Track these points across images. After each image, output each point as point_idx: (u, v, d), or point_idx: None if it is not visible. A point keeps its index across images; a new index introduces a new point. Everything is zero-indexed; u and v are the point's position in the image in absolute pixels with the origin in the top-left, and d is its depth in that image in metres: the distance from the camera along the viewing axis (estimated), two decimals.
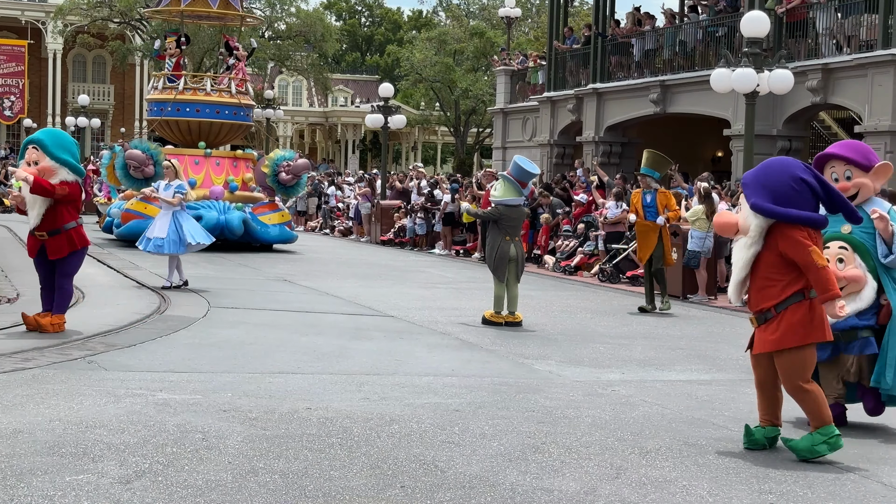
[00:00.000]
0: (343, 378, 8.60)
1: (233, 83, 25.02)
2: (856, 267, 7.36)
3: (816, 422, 6.50)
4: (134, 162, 21.67)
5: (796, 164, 6.57)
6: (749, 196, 6.53)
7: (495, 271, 12.58)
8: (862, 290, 7.34)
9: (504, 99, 34.37)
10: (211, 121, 24.69)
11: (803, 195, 6.44)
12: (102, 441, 6.14)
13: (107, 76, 63.61)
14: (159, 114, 24.94)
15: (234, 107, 24.99)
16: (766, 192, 6.45)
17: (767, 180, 6.49)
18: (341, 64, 76.28)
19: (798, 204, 6.42)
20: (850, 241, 7.40)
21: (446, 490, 5.53)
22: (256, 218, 22.72)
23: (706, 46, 24.53)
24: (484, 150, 60.21)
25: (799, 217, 6.41)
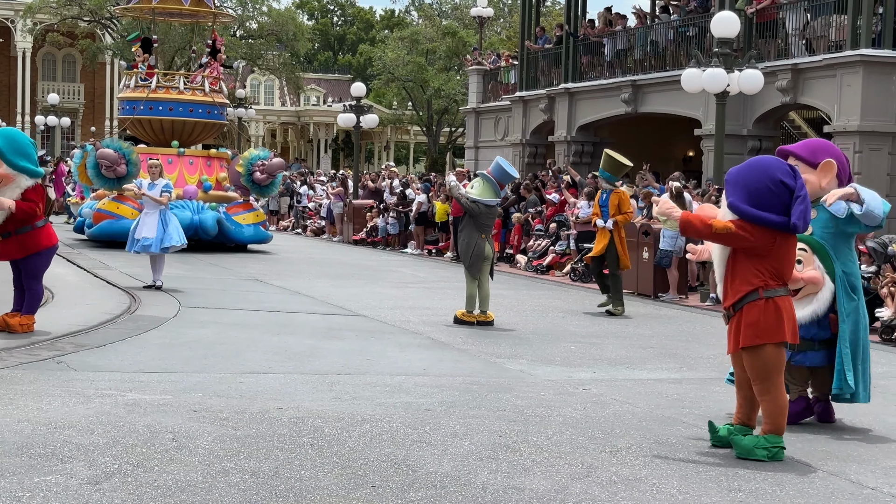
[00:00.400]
0: (314, 378, 8.58)
1: (206, 81, 24.64)
2: (814, 269, 7.42)
3: (770, 427, 6.51)
4: (106, 161, 21.33)
5: (779, 166, 6.58)
6: (729, 194, 6.57)
7: (470, 268, 12.59)
8: (819, 292, 7.42)
9: (476, 98, 34.39)
10: (184, 119, 24.34)
11: (779, 197, 6.44)
12: (71, 442, 6.10)
13: (77, 75, 63.23)
14: (131, 112, 24.59)
15: (208, 105, 24.60)
16: (745, 191, 6.48)
17: (747, 180, 6.52)
18: (313, 63, 76.12)
19: (771, 205, 6.42)
20: (810, 243, 7.45)
21: (417, 489, 5.53)
22: (231, 218, 22.52)
23: (677, 46, 24.63)
24: (456, 150, 60.23)
25: (767, 221, 6.41)
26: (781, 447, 6.48)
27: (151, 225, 14.07)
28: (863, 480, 6.13)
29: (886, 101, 19.65)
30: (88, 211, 22.82)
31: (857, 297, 7.54)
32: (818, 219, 7.49)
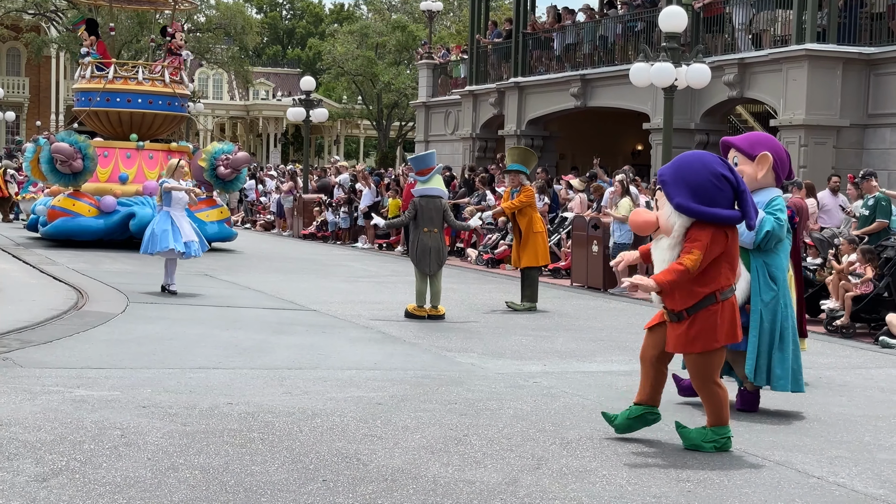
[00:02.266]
0: (265, 373, 8.55)
1: (166, 71, 23.49)
2: None
3: (714, 420, 6.53)
4: (61, 156, 20.36)
5: (713, 159, 6.49)
6: (672, 195, 6.38)
7: (418, 264, 12.62)
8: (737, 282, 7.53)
9: (426, 93, 34.38)
10: (143, 111, 23.13)
11: (724, 192, 6.36)
12: (17, 439, 6.03)
13: (21, 68, 62.36)
14: (87, 104, 23.28)
15: (169, 97, 23.41)
16: (689, 190, 6.32)
17: (688, 177, 6.35)
18: (262, 57, 75.70)
19: (719, 202, 6.34)
20: None
21: (368, 483, 5.53)
22: (193, 215, 21.35)
23: (626, 41, 24.79)
24: (407, 144, 60.18)
25: (721, 217, 6.33)
26: (729, 437, 6.53)
27: (188, 227, 13.52)
28: (809, 470, 6.21)
29: (831, 95, 19.91)
30: (42, 208, 21.91)
31: (778, 288, 7.60)
32: None
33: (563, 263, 18.96)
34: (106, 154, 22.17)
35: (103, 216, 20.85)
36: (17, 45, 59.75)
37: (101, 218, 20.83)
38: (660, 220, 6.46)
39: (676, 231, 6.37)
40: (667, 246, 6.44)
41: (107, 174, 21.97)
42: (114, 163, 22.27)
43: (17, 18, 52.55)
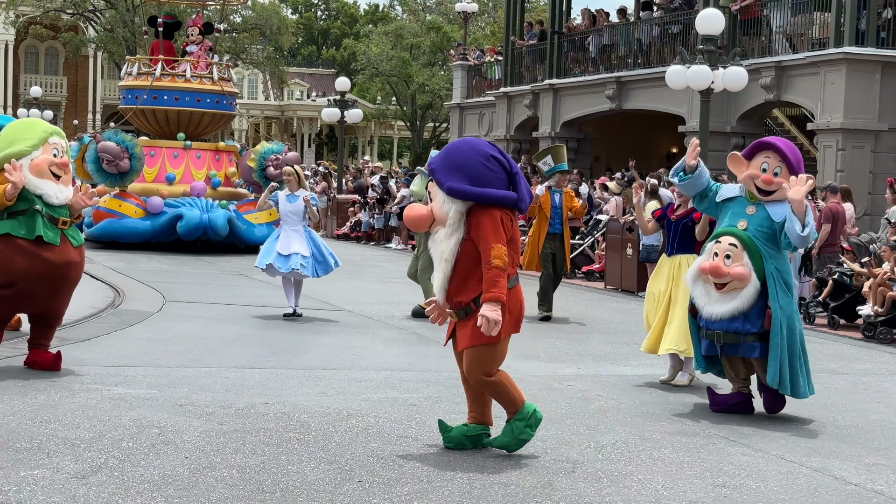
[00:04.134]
0: (300, 373, 8.59)
1: (215, 69, 22.75)
2: (742, 265, 7.45)
3: (511, 407, 6.20)
4: (107, 155, 19.58)
5: (484, 143, 6.18)
6: (443, 181, 6.01)
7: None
8: (744, 289, 7.47)
9: (461, 94, 34.39)
10: (191, 110, 22.31)
11: (497, 174, 6.02)
12: (57, 436, 6.09)
13: (59, 68, 62.90)
14: (133, 102, 22.52)
15: (217, 94, 22.63)
16: (460, 174, 5.97)
17: (458, 162, 6.02)
18: (297, 57, 75.97)
19: (492, 183, 6.00)
20: (742, 239, 7.52)
21: (404, 484, 5.54)
22: (242, 217, 20.74)
23: (662, 43, 24.69)
24: (440, 145, 60.17)
25: (495, 197, 5.97)
26: (534, 410, 6.21)
27: (301, 242, 12.04)
28: (846, 477, 6.17)
29: (869, 98, 19.75)
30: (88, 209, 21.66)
31: (791, 294, 7.62)
32: (756, 216, 7.58)
33: (597, 266, 18.92)
34: (153, 153, 21.52)
35: (150, 217, 20.27)
36: (56, 45, 60.26)
37: (147, 219, 20.25)
38: (434, 211, 6.06)
39: (452, 217, 6.00)
40: (443, 236, 6.03)
41: (153, 174, 21.31)
42: (160, 162, 21.62)
43: (55, 18, 52.97)
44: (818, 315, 13.91)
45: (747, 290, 7.46)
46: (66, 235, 7.97)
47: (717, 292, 7.57)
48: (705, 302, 7.62)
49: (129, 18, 48.57)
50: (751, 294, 7.46)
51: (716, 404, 7.84)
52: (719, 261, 7.52)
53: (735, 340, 7.58)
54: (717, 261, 7.53)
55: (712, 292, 7.60)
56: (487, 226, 5.95)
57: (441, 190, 6.03)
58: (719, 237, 7.63)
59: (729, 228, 7.62)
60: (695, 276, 7.71)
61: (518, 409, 6.20)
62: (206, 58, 23.22)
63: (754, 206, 7.64)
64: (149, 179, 21.22)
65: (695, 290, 7.73)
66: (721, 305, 7.53)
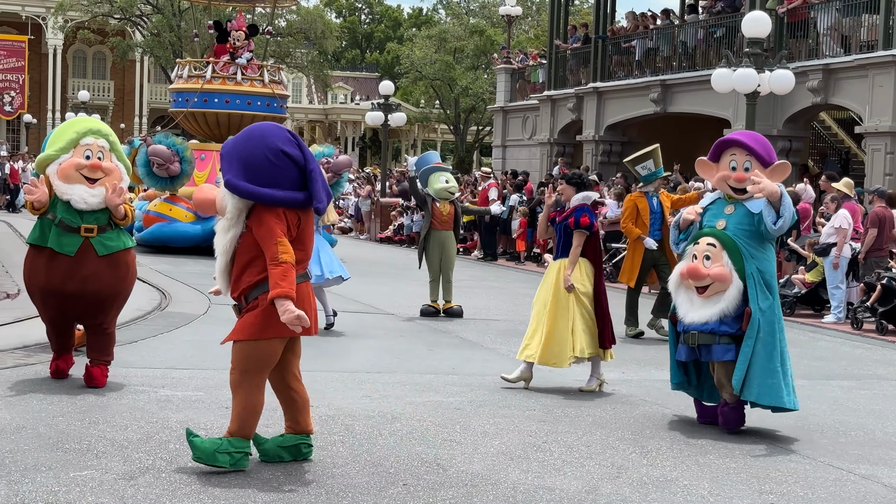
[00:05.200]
0: (344, 376, 8.61)
1: (266, 72, 22.52)
2: (722, 265, 7.05)
3: (236, 429, 5.65)
4: (158, 159, 19.24)
5: (278, 134, 5.65)
6: (225, 171, 5.59)
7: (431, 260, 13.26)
8: (727, 290, 7.05)
9: (504, 97, 34.37)
10: (242, 113, 22.04)
11: (286, 171, 5.57)
12: (106, 437, 6.15)
13: (107, 72, 63.55)
14: (184, 105, 22.38)
15: (268, 97, 22.47)
16: (243, 168, 5.53)
17: (244, 153, 5.57)
18: (341, 61, 76.22)
19: (279, 181, 5.54)
20: (721, 238, 7.12)
21: (448, 488, 5.55)
22: None
23: (707, 46, 24.55)
24: (483, 149, 60.21)
25: (276, 198, 5.53)
26: (246, 453, 5.66)
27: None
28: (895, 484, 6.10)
29: None
30: (138, 213, 20.71)
31: (773, 297, 7.12)
32: (735, 214, 7.16)
33: None
34: (203, 157, 21.27)
35: (200, 222, 19.79)
36: (103, 50, 60.90)
37: (198, 223, 19.82)
38: (217, 198, 5.71)
39: (230, 212, 5.59)
40: (223, 228, 5.64)
41: (204, 178, 20.80)
42: (211, 166, 21.24)
43: (103, 23, 53.57)
44: (866, 320, 13.75)
45: (730, 291, 7.03)
46: (92, 243, 7.45)
47: (700, 297, 7.14)
48: (688, 309, 7.17)
49: (175, 23, 49.03)
50: (734, 295, 7.03)
51: (704, 416, 7.42)
52: (698, 262, 7.12)
53: (710, 341, 7.09)
54: (695, 263, 7.14)
55: (695, 298, 7.17)
56: (271, 222, 5.51)
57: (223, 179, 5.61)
58: (698, 239, 7.23)
59: (707, 229, 7.23)
60: (676, 283, 7.30)
61: (241, 437, 5.64)
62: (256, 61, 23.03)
63: (733, 204, 7.22)
64: (199, 183, 20.60)
65: (677, 297, 7.30)
66: (705, 310, 7.08)
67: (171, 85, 23.73)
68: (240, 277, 5.66)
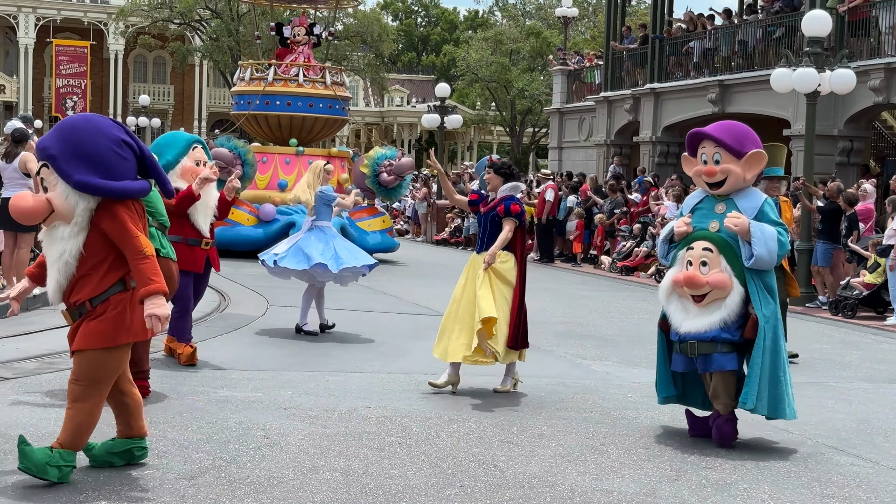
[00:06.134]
0: (402, 377, 8.64)
1: (327, 73, 22.25)
2: (721, 271, 6.58)
3: (68, 441, 5.25)
4: (220, 162, 18.50)
5: (109, 123, 5.35)
6: (69, 173, 5.13)
7: None
8: (727, 297, 6.58)
9: (560, 99, 34.27)
10: (303, 115, 21.90)
11: (128, 161, 5.26)
12: (167, 437, 6.23)
13: (167, 76, 64.33)
14: (246, 108, 22.15)
15: (330, 99, 22.13)
16: (89, 164, 5.14)
17: (84, 149, 5.16)
18: (397, 64, 76.45)
19: (125, 173, 5.23)
20: (716, 242, 6.65)
21: (506, 490, 5.55)
22: (355, 224, 20.14)
23: (766, 46, 24.31)
24: (540, 150, 60.10)
25: (131, 191, 5.23)
26: (73, 466, 5.29)
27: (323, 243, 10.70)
28: None
29: None
30: None
31: (774, 301, 6.66)
32: (726, 214, 6.71)
33: None
34: (265, 160, 21.03)
35: (262, 225, 19.75)
36: (163, 54, 61.68)
37: (260, 227, 19.70)
38: (55, 204, 5.18)
39: (81, 215, 5.20)
40: (67, 235, 5.21)
41: (265, 181, 20.87)
42: (273, 169, 21.15)
43: (163, 28, 54.26)
44: None
45: (731, 297, 6.55)
46: None
47: (696, 306, 6.65)
48: (683, 318, 6.69)
49: (233, 28, 49.49)
50: (736, 302, 6.56)
51: (696, 429, 6.93)
52: (694, 270, 6.62)
53: (710, 350, 6.61)
54: (691, 270, 6.64)
55: (690, 307, 6.68)
56: (125, 216, 5.19)
57: (67, 182, 5.15)
58: (691, 243, 6.73)
59: (700, 232, 6.73)
60: (668, 290, 6.81)
61: (70, 450, 5.25)
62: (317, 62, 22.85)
63: (723, 202, 6.75)
64: (261, 186, 20.89)
65: (669, 306, 6.79)
66: (703, 319, 6.59)
67: (233, 87, 23.58)
68: (82, 281, 5.24)
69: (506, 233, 8.10)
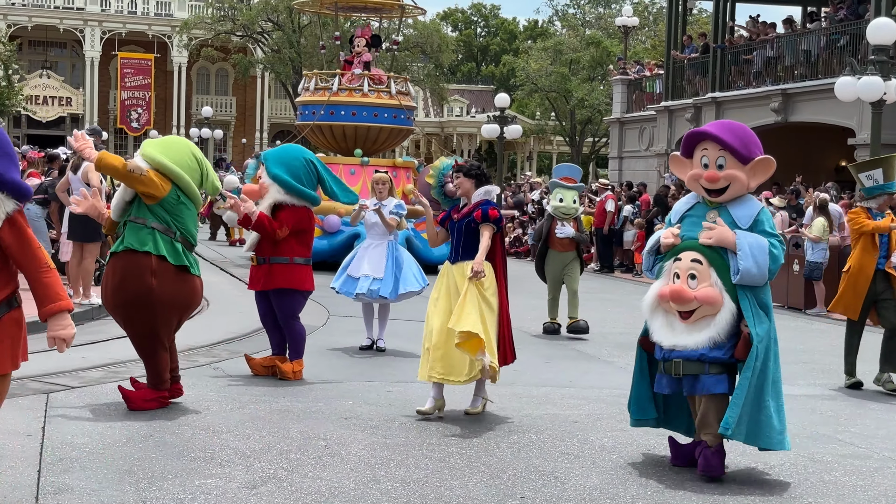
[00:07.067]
0: (461, 387, 8.61)
1: (392, 83, 22.00)
2: (711, 285, 5.93)
3: None
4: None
5: None
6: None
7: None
8: (717, 314, 5.92)
9: (620, 108, 34.14)
10: (368, 125, 21.57)
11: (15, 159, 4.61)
12: (229, 446, 6.29)
13: (229, 88, 65.01)
14: (310, 118, 21.84)
15: (395, 109, 21.83)
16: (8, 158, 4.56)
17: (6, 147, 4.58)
18: (457, 74, 76.66)
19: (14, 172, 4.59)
20: (706, 253, 5.99)
21: (566, 502, 5.53)
22: (420, 235, 19.33)
23: (830, 54, 24.03)
24: (599, 160, 59.87)
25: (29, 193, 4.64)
26: None
27: (378, 261, 10.43)
28: None
29: None
30: None
31: (769, 319, 6.01)
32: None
33: None
34: (353, 171, 20.70)
35: (327, 237, 19.42)
36: (226, 66, 62.34)
37: (324, 238, 19.27)
38: None
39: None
40: None
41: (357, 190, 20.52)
42: (362, 181, 20.19)
43: (225, 40, 54.90)
44: None
45: (722, 314, 5.90)
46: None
47: (683, 322, 5.99)
48: (667, 335, 6.07)
49: (294, 39, 49.94)
50: (727, 319, 5.90)
51: (679, 458, 6.32)
52: (682, 283, 5.97)
53: (698, 371, 5.95)
54: (678, 283, 5.99)
55: (676, 323, 6.04)
56: (24, 223, 4.58)
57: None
58: (679, 254, 6.07)
59: (689, 242, 6.06)
60: (652, 305, 6.17)
61: None
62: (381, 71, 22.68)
63: (715, 210, 6.08)
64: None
65: (653, 322, 6.17)
66: (690, 337, 5.96)
67: (298, 98, 23.37)
68: None
69: (487, 240, 7.59)
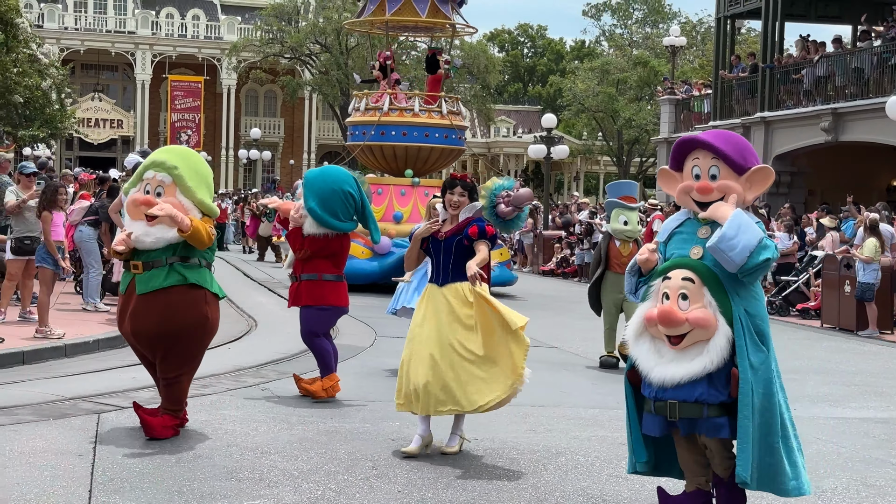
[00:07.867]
0: (509, 409, 8.57)
1: (444, 102, 21.85)
2: (703, 307, 5.19)
3: None
4: None
5: None
6: None
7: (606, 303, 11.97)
8: (710, 340, 5.18)
9: (668, 128, 34.01)
10: (419, 145, 21.29)
11: None
12: (277, 467, 6.31)
13: (277, 110, 65.59)
14: (361, 139, 21.62)
15: (446, 129, 21.57)
16: None
17: None
18: (504, 94, 76.76)
19: None
20: (699, 271, 5.27)
21: None
22: None
23: (881, 73, 23.80)
24: (647, 180, 59.61)
25: None
26: None
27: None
28: None
29: None
30: None
31: (767, 347, 5.41)
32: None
33: (812, 304, 18.31)
34: (380, 191, 20.40)
35: (377, 258, 19.24)
36: (274, 88, 62.91)
37: (374, 260, 19.23)
38: None
39: None
40: None
41: (380, 213, 19.94)
42: (388, 201, 20.64)
43: (273, 63, 55.45)
44: None
45: (716, 340, 5.17)
46: (136, 281, 7.00)
47: (672, 348, 5.24)
48: (655, 363, 5.28)
49: (342, 61, 50.30)
50: (721, 346, 5.17)
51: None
52: (671, 304, 5.23)
53: (696, 413, 5.20)
54: (668, 304, 5.25)
55: (664, 349, 5.28)
56: None
57: None
58: (668, 272, 5.34)
59: (680, 259, 5.36)
60: (638, 330, 5.41)
61: None
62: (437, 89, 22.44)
63: (707, 226, 5.32)
64: (376, 218, 20.72)
65: (638, 349, 5.39)
66: (679, 366, 5.20)
67: (348, 118, 23.17)
68: None
69: (485, 253, 7.15)
